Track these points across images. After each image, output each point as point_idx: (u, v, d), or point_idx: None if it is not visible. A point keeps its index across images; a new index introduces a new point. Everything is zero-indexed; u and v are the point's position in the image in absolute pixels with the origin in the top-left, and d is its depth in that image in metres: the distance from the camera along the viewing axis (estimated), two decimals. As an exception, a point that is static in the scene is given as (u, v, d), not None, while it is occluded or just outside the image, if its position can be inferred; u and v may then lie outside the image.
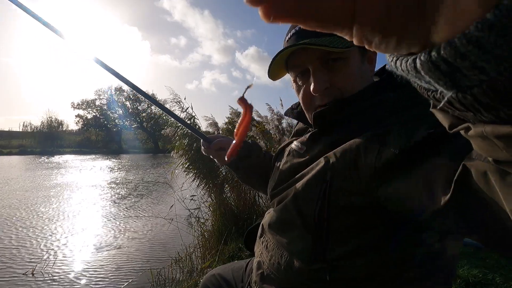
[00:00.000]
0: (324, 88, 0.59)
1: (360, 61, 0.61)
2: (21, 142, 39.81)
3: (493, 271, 1.98)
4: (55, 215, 4.93)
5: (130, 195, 6.74)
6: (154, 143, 40.12)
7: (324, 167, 0.54)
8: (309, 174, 0.57)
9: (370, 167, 0.48)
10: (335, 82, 0.59)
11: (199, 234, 3.04)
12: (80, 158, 22.95)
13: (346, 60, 0.59)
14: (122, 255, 3.26)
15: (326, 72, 0.59)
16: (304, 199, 0.57)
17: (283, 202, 0.62)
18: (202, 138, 0.91)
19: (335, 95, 0.60)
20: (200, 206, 3.26)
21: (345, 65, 0.59)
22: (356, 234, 0.53)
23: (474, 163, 0.32)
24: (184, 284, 2.25)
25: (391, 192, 0.46)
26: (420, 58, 0.18)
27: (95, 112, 45.81)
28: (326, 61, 0.59)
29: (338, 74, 0.59)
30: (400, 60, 0.20)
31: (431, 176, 0.40)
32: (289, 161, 0.67)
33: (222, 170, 3.30)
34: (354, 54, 0.59)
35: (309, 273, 0.57)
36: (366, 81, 0.62)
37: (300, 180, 0.60)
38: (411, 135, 0.45)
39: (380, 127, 0.51)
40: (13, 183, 8.65)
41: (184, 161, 3.24)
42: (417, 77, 0.19)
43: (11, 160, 20.63)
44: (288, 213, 0.60)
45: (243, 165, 0.93)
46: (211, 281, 0.92)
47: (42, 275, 2.73)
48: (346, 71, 0.59)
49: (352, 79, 0.59)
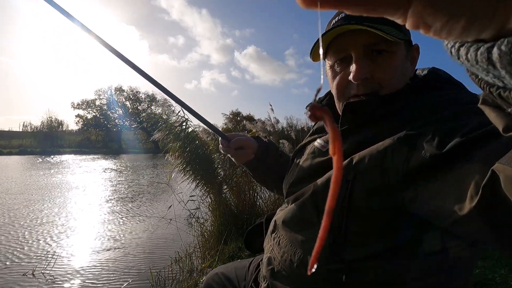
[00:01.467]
0: (364, 78, 0.57)
1: (405, 58, 0.58)
2: (21, 142, 39.79)
3: (493, 271, 1.97)
4: (55, 215, 4.93)
5: (130, 195, 6.74)
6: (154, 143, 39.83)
7: (347, 167, 0.52)
8: (330, 173, 0.55)
9: (397, 169, 0.47)
10: (376, 75, 0.56)
11: (199, 234, 3.04)
12: (80, 158, 22.95)
13: (392, 54, 0.56)
14: (122, 255, 3.26)
15: (369, 62, 0.57)
16: (323, 197, 0.54)
17: (300, 199, 0.60)
18: (220, 135, 0.89)
19: (373, 88, 0.57)
20: (199, 206, 3.26)
21: (390, 59, 0.56)
22: (376, 237, 0.52)
23: (504, 168, 0.30)
24: (184, 284, 2.25)
25: (417, 194, 0.45)
26: (499, 47, 0.14)
27: (95, 112, 45.86)
28: (371, 52, 0.56)
29: (381, 66, 0.56)
30: (467, 48, 0.16)
31: (460, 182, 0.38)
32: (310, 159, 0.65)
33: (220, 170, 3.30)
34: (401, 49, 0.57)
35: (325, 273, 0.55)
36: (406, 81, 0.59)
37: (314, 177, 0.58)
38: (443, 140, 0.43)
39: (412, 128, 0.49)
40: (13, 183, 8.64)
41: (180, 163, 3.25)
42: (486, 69, 0.16)
43: (11, 160, 20.61)
44: (305, 211, 0.59)
45: (260, 166, 0.91)
46: (214, 279, 0.91)
47: (43, 275, 2.73)
48: (390, 66, 0.56)
49: (394, 75, 0.57)
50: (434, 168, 0.42)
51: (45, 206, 5.61)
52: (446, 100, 0.52)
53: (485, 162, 0.35)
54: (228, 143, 0.87)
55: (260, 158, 0.90)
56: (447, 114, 0.47)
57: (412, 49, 0.61)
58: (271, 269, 0.66)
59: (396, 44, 0.55)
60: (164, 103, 3.34)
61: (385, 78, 0.57)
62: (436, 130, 0.45)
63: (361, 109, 0.57)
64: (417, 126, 0.48)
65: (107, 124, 45.26)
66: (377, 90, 0.57)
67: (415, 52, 0.61)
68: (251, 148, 0.89)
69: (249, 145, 0.89)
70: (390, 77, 0.56)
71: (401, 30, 0.56)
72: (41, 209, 5.31)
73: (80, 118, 45.65)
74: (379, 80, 0.57)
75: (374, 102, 0.56)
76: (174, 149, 3.20)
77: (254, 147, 0.90)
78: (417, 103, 0.55)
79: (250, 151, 0.89)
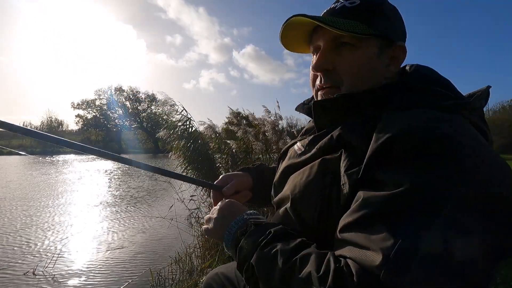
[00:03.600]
0: (325, 69, 0.57)
1: (376, 55, 0.56)
2: (21, 142, 39.75)
3: (493, 271, 1.98)
4: (56, 215, 4.93)
5: (130, 195, 6.74)
6: (154, 143, 40.07)
7: (323, 171, 0.51)
8: (304, 178, 0.54)
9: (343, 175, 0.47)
10: (338, 67, 0.56)
11: (199, 234, 3.04)
12: (80, 158, 22.96)
13: (357, 48, 0.55)
14: (122, 255, 3.26)
15: (333, 54, 0.57)
16: (302, 204, 0.53)
17: (283, 207, 0.59)
18: (209, 187, 0.80)
19: (335, 81, 0.57)
20: (199, 206, 3.26)
21: (352, 52, 0.55)
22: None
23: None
24: (184, 284, 2.25)
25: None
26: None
27: (95, 112, 45.84)
28: (339, 44, 0.56)
29: (343, 59, 0.56)
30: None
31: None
32: (287, 163, 0.64)
33: (221, 170, 3.30)
34: (371, 45, 0.56)
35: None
36: (379, 80, 0.57)
37: (294, 184, 0.56)
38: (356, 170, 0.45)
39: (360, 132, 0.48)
40: (12, 183, 8.64)
41: (182, 162, 3.25)
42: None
43: (11, 160, 20.62)
44: (288, 219, 0.57)
45: (262, 199, 0.83)
46: (214, 279, 0.91)
47: (43, 275, 2.74)
48: (352, 59, 0.55)
49: (356, 70, 0.55)
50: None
51: (45, 206, 5.61)
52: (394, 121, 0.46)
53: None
54: (220, 192, 0.76)
55: (259, 194, 0.82)
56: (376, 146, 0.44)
57: (394, 48, 0.58)
58: None
59: (364, 40, 0.55)
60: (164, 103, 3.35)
61: (346, 71, 0.56)
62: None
63: (324, 105, 0.57)
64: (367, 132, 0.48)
65: (107, 124, 45.24)
66: (339, 84, 0.57)
67: (397, 51, 0.58)
68: (246, 186, 0.81)
69: (243, 185, 0.80)
70: (350, 72, 0.56)
71: (372, 26, 0.55)
72: (41, 209, 5.31)
73: (80, 118, 45.63)
74: (340, 73, 0.57)
75: (339, 99, 0.55)
76: (177, 147, 3.20)
77: (249, 184, 0.81)
78: (380, 104, 0.53)
79: (246, 191, 0.80)
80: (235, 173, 0.82)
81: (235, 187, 0.76)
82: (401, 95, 0.52)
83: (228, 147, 3.30)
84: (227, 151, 3.32)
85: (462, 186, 0.37)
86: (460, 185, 0.37)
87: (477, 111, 0.53)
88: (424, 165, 0.39)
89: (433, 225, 0.35)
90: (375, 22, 0.55)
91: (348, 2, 0.57)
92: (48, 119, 44.46)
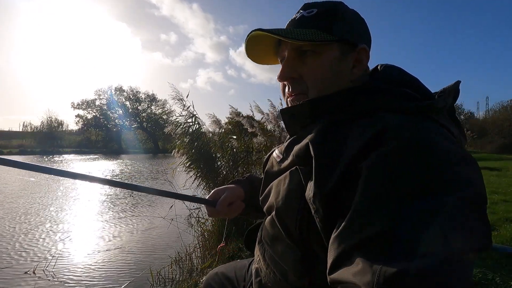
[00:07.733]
0: (291, 77, 0.59)
1: (338, 59, 0.57)
2: (21, 142, 39.81)
3: (493, 271, 1.98)
4: (56, 215, 4.94)
5: (130, 195, 6.74)
6: (154, 143, 40.07)
7: (299, 180, 0.51)
8: (285, 186, 0.54)
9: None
10: (303, 74, 0.58)
11: (199, 234, 3.05)
12: (80, 158, 22.97)
13: (319, 55, 0.57)
14: (122, 255, 3.26)
15: (297, 62, 0.59)
16: (284, 212, 0.54)
17: (270, 215, 0.60)
18: (203, 203, 0.83)
19: (302, 89, 0.59)
20: (200, 206, 3.26)
21: (314, 59, 0.57)
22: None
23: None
24: (184, 284, 2.25)
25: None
26: None
27: (95, 112, 45.78)
28: (302, 52, 0.58)
29: (307, 66, 0.58)
30: None
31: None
32: (270, 171, 0.64)
33: (222, 170, 3.31)
34: (331, 50, 0.57)
35: (304, 287, 0.53)
36: (344, 83, 0.58)
37: (277, 191, 0.57)
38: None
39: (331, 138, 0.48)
40: (12, 183, 8.64)
41: (185, 160, 3.25)
42: None
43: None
44: (274, 227, 0.58)
45: (254, 209, 0.85)
46: (214, 279, 0.91)
47: (44, 274, 2.74)
48: (315, 66, 0.57)
49: (320, 75, 0.57)
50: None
51: (45, 206, 5.61)
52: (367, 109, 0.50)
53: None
54: (214, 207, 0.79)
55: (251, 204, 0.84)
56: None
57: (357, 51, 0.59)
58: (259, 281, 0.66)
59: (325, 46, 0.56)
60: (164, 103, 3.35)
61: (310, 78, 0.58)
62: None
63: (290, 114, 0.59)
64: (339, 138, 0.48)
65: (107, 124, 45.17)
66: (305, 91, 0.59)
67: (361, 54, 0.59)
68: (238, 197, 0.82)
69: (235, 197, 0.82)
70: (314, 78, 0.57)
71: (331, 32, 0.56)
72: (41, 209, 5.31)
73: (80, 118, 45.58)
74: (305, 80, 0.58)
75: (306, 104, 0.56)
76: (181, 145, 3.20)
77: (240, 195, 0.83)
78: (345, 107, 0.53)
79: (239, 202, 0.82)
80: (226, 186, 0.83)
81: (228, 200, 0.79)
82: (365, 98, 0.53)
83: (230, 146, 3.32)
84: (228, 150, 3.33)
85: (420, 200, 0.36)
86: (418, 199, 0.36)
87: (447, 110, 0.52)
88: (384, 181, 0.38)
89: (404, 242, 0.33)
90: (333, 28, 0.56)
91: (306, 12, 0.59)
92: (48, 119, 44.36)
